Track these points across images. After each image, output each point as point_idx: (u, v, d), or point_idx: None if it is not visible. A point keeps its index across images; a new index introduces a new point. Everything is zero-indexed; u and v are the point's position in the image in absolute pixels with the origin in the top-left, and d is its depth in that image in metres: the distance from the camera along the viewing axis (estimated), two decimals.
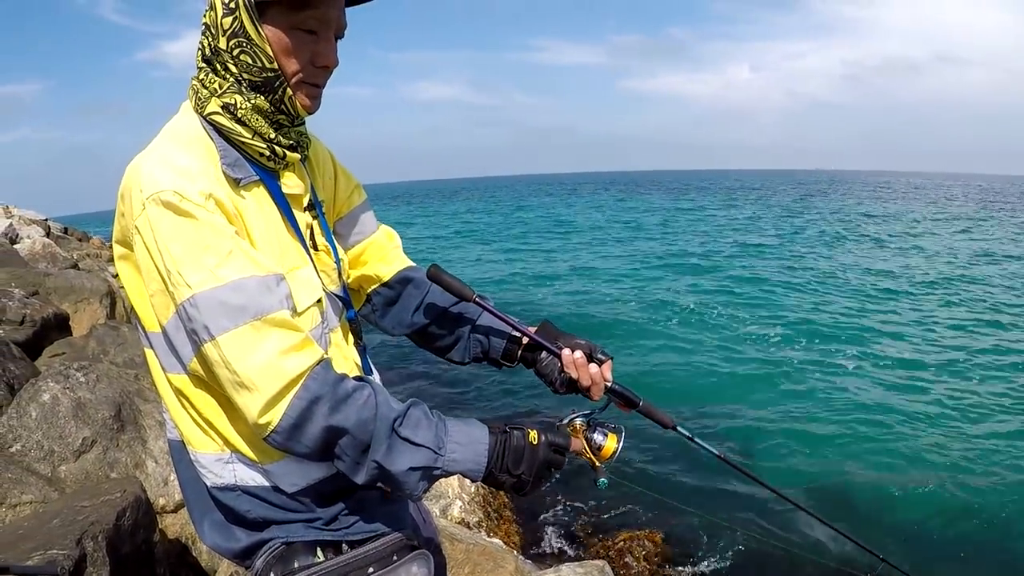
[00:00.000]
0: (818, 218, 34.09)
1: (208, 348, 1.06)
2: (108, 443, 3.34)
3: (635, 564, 4.71)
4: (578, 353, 1.45)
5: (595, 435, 1.37)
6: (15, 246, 11.44)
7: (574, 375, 1.46)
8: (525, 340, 1.54)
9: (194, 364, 1.14)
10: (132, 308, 1.23)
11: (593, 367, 1.45)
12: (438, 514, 4.32)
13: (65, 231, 20.43)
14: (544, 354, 1.53)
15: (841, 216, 35.29)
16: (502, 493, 5.27)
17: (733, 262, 19.46)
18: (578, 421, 1.38)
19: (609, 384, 1.47)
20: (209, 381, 1.14)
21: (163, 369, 1.21)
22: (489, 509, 4.87)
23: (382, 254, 1.58)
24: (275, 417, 1.07)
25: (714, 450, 1.62)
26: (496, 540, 4.02)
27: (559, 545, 5.01)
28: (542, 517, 5.47)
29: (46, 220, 18.91)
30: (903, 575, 2.15)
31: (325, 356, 1.15)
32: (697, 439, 1.58)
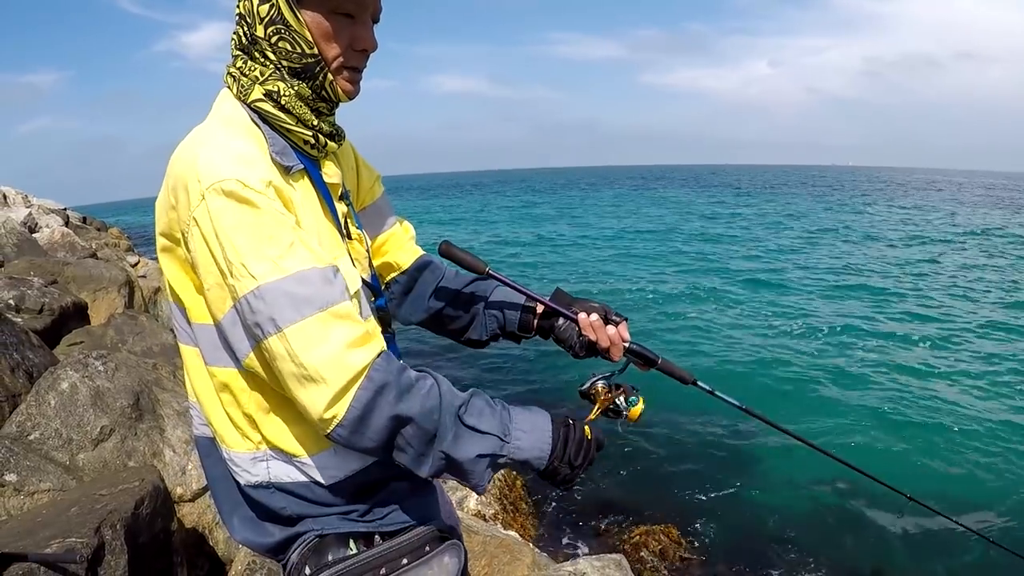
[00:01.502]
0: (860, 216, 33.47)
1: (272, 341, 1.04)
2: (126, 432, 3.35)
3: (651, 558, 4.68)
4: (594, 316, 1.46)
5: (620, 398, 1.39)
6: (34, 235, 11.54)
7: (592, 337, 1.46)
8: (540, 308, 1.55)
9: (250, 360, 1.12)
10: (175, 300, 1.21)
11: (610, 328, 1.46)
12: (454, 505, 4.32)
13: (84, 220, 20.61)
14: (561, 320, 1.54)
15: (873, 214, 34.85)
16: (518, 485, 5.27)
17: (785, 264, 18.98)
18: (600, 384, 1.39)
19: (627, 344, 1.47)
20: (266, 377, 1.13)
21: (206, 363, 1.20)
22: (505, 502, 4.86)
23: (401, 245, 1.60)
24: (341, 410, 1.05)
25: (736, 402, 1.60)
26: (512, 533, 4.01)
27: (574, 538, 5.00)
28: (557, 510, 5.47)
29: (65, 209, 19.08)
30: (931, 511, 2.15)
31: (385, 348, 1.13)
32: (718, 392, 1.56)
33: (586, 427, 1.25)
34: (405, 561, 1.24)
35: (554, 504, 5.53)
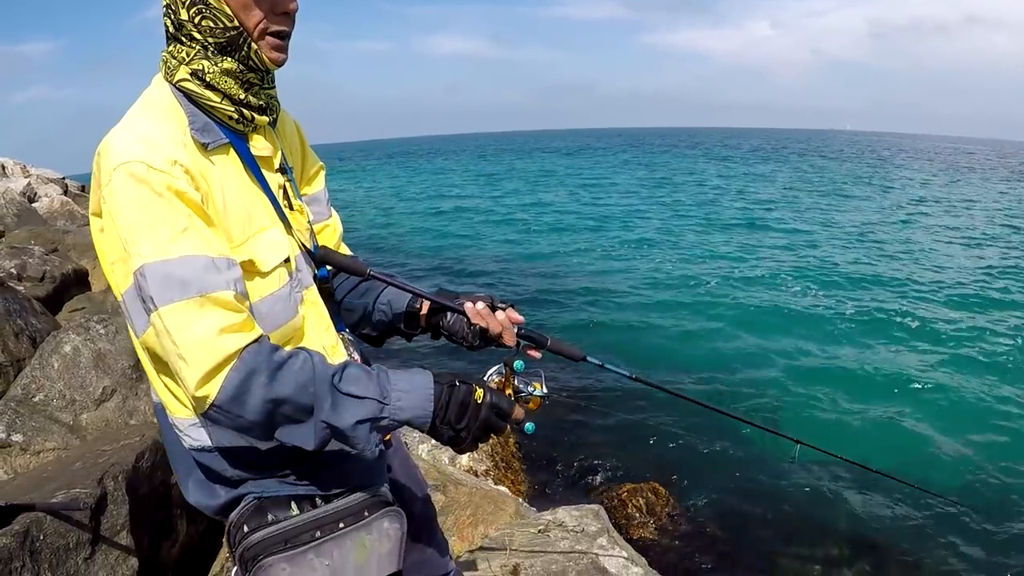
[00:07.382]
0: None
1: (154, 317, 1.09)
2: (127, 392, 3.48)
3: (637, 514, 4.85)
4: (480, 304, 1.46)
5: (520, 384, 1.38)
6: (33, 205, 11.63)
7: (483, 324, 1.46)
8: (426, 305, 1.54)
9: (148, 333, 1.15)
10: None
11: (499, 314, 1.47)
12: (447, 462, 4.45)
13: (82, 189, 20.59)
14: (449, 314, 1.53)
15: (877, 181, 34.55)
16: (511, 443, 5.41)
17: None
18: (495, 377, 1.38)
19: (519, 327, 1.48)
20: (159, 351, 1.16)
21: (135, 333, 1.23)
22: (497, 459, 5.00)
23: (330, 241, 1.60)
24: (212, 391, 1.08)
25: (626, 372, 1.62)
26: (502, 487, 4.15)
27: (563, 493, 5.16)
28: (550, 468, 5.63)
29: (63, 178, 19.06)
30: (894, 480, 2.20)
31: (263, 334, 1.16)
32: (608, 365, 1.57)
33: (478, 389, 1.24)
34: (343, 524, 1.27)
35: (546, 462, 5.68)
